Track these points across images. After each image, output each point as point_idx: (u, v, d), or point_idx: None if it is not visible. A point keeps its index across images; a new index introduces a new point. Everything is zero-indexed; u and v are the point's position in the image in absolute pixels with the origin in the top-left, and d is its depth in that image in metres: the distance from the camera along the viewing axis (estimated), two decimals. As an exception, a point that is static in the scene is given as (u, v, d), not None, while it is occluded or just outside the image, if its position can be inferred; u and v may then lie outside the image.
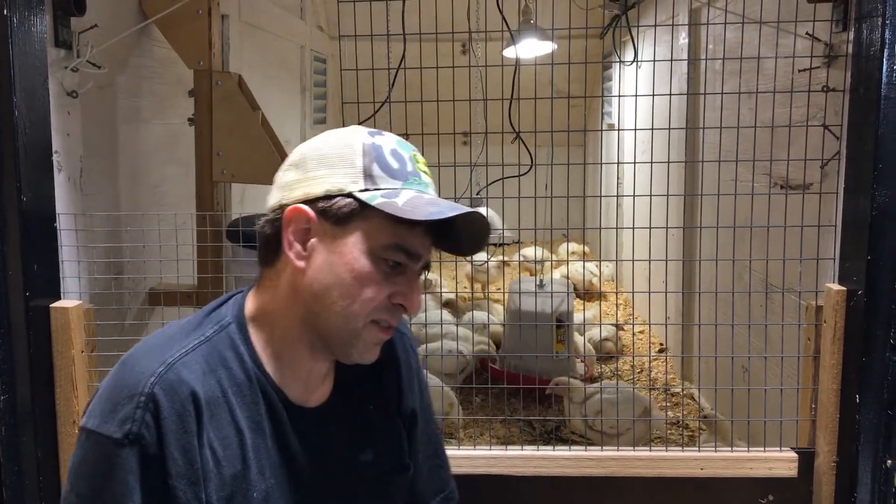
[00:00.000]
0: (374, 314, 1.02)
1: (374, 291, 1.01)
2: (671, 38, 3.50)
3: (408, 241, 1.01)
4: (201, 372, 0.99)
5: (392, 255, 1.01)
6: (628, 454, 1.69)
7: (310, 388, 1.10)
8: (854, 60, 1.58)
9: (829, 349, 1.60)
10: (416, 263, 1.04)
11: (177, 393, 0.95)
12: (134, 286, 2.27)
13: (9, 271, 1.51)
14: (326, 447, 1.10)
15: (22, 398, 1.55)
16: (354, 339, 1.03)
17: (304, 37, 5.03)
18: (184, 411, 0.95)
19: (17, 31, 1.49)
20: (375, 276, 1.01)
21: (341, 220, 1.01)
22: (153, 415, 0.93)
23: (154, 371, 0.95)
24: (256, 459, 1.02)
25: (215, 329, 1.04)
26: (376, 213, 0.99)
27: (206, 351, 1.01)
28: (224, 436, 1.00)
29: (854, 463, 1.58)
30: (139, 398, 0.93)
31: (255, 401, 1.03)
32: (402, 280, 1.03)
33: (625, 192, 4.27)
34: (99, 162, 2.19)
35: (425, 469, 1.27)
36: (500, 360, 3.78)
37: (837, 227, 1.65)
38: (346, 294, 1.01)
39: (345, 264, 1.01)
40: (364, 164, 1.02)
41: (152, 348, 1.00)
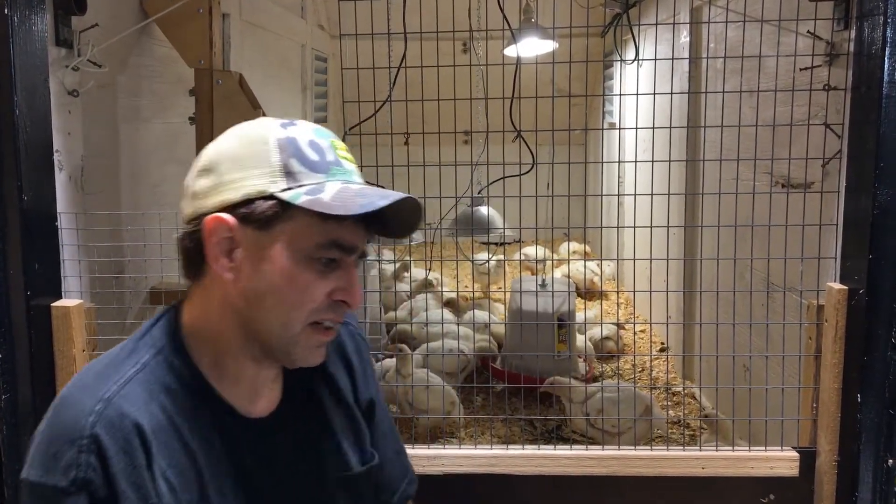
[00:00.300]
0: (313, 316, 0.98)
1: (311, 293, 0.97)
2: (672, 36, 3.49)
3: (340, 236, 0.97)
4: (142, 402, 0.94)
5: (325, 252, 0.97)
6: (629, 453, 1.69)
7: (258, 398, 1.06)
8: (855, 59, 1.58)
9: (831, 348, 1.59)
10: (352, 255, 1.00)
11: (119, 429, 0.90)
12: (135, 285, 2.27)
13: (10, 270, 1.51)
14: (284, 455, 1.07)
15: (23, 397, 1.55)
16: (294, 345, 0.99)
17: (304, 36, 5.03)
18: (129, 446, 0.90)
19: (18, 30, 1.49)
20: (310, 276, 0.96)
21: (265, 225, 0.95)
22: (97, 456, 0.88)
23: (92, 409, 0.90)
24: (213, 479, 0.98)
25: (151, 353, 0.99)
26: (302, 212, 0.94)
27: (143, 378, 0.96)
28: (176, 462, 0.95)
29: (855, 462, 1.58)
30: (80, 441, 0.88)
31: (202, 419, 0.99)
32: (339, 275, 0.99)
33: (626, 191, 4.27)
34: (100, 161, 2.19)
35: (390, 457, 1.25)
36: (501, 359, 3.78)
37: (839, 226, 1.65)
38: (282, 300, 0.97)
39: (276, 270, 0.96)
40: (281, 161, 0.96)
41: (86, 385, 0.94)
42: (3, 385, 1.52)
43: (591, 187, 4.90)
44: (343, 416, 1.16)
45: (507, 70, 1.91)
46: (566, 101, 1.83)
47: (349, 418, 1.16)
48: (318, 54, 5.43)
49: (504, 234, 3.34)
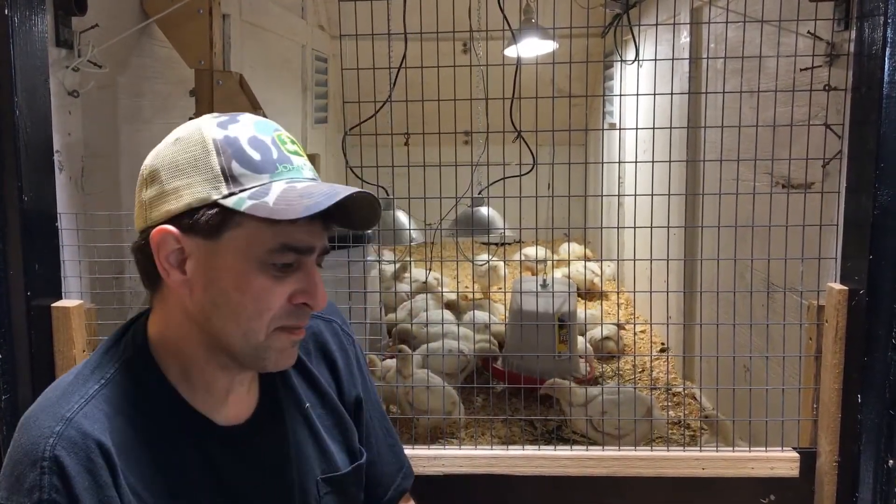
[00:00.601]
0: (275, 322, 0.94)
1: (269, 301, 0.93)
2: (673, 37, 3.49)
3: (293, 238, 0.92)
4: (106, 418, 0.91)
5: (279, 257, 0.92)
6: (630, 454, 1.69)
7: (233, 406, 1.03)
8: (856, 59, 1.58)
9: (831, 349, 1.59)
10: (310, 256, 0.95)
11: (81, 448, 0.88)
12: (135, 286, 2.27)
13: (10, 271, 1.51)
14: (263, 460, 1.04)
15: (23, 398, 1.55)
16: (263, 352, 0.96)
17: (305, 36, 5.03)
18: (92, 465, 0.88)
19: (18, 30, 1.49)
20: (266, 283, 0.92)
21: (212, 234, 0.91)
22: (59, 477, 0.86)
23: (52, 431, 0.88)
24: (187, 491, 0.96)
25: (117, 367, 0.97)
26: (249, 217, 0.89)
27: (109, 394, 0.94)
28: (148, 479, 0.93)
29: (856, 463, 1.58)
30: (41, 463, 0.86)
31: (173, 431, 0.96)
32: (299, 277, 0.94)
33: (626, 192, 4.27)
34: (100, 161, 2.19)
35: (383, 452, 1.23)
36: (502, 359, 3.78)
37: (839, 227, 1.65)
38: (238, 311, 0.93)
39: (229, 279, 0.92)
40: (222, 164, 0.91)
41: (50, 404, 0.92)
42: (3, 385, 1.52)
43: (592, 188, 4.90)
44: (328, 415, 1.13)
45: (508, 70, 1.91)
46: (566, 102, 1.83)
47: (335, 417, 1.14)
48: (319, 55, 5.43)
49: (504, 235, 3.34)
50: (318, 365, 1.15)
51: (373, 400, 1.24)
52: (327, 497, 1.10)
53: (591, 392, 2.93)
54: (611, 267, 5.39)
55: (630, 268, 4.71)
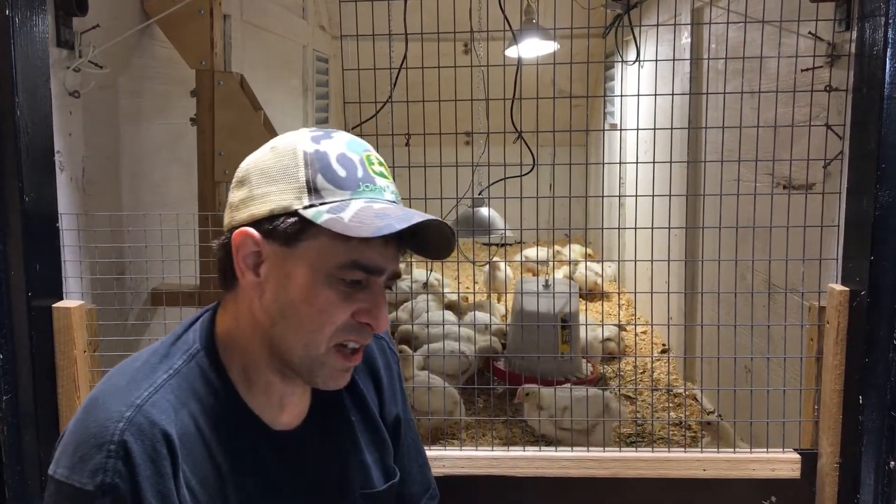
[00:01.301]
0: (336, 337, 0.97)
1: (333, 315, 0.95)
2: (673, 37, 3.49)
3: (364, 257, 0.94)
4: (172, 409, 0.94)
5: (348, 273, 0.94)
6: (630, 455, 1.69)
7: (286, 411, 1.05)
8: (857, 60, 1.58)
9: (832, 350, 1.59)
10: (380, 277, 0.97)
11: (148, 436, 0.90)
12: (136, 286, 2.27)
13: (11, 271, 1.51)
14: (310, 468, 1.06)
15: (24, 398, 1.55)
16: (318, 367, 0.98)
17: (306, 36, 5.03)
18: (157, 455, 0.90)
19: (19, 31, 1.49)
20: (333, 297, 0.94)
21: (289, 241, 0.94)
22: (125, 462, 0.88)
23: (122, 415, 0.90)
24: (238, 490, 0.98)
25: (184, 359, 0.99)
26: (326, 231, 0.92)
27: (175, 385, 0.96)
28: (202, 474, 0.95)
29: (857, 464, 1.58)
30: (109, 446, 0.88)
31: (230, 429, 0.99)
32: (366, 296, 0.96)
33: (627, 193, 4.27)
34: (101, 162, 2.19)
35: (415, 470, 1.25)
36: (504, 360, 3.78)
37: (840, 228, 1.65)
38: (302, 321, 0.95)
39: (298, 288, 0.94)
40: (308, 177, 0.94)
41: (119, 389, 0.94)
42: (5, 386, 1.52)
43: (593, 188, 4.90)
44: (369, 431, 1.15)
45: (509, 71, 1.91)
46: (567, 102, 1.83)
47: (375, 434, 1.16)
48: (320, 55, 5.43)
49: (505, 235, 3.34)
50: (364, 380, 1.17)
51: (409, 419, 1.26)
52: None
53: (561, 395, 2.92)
54: (612, 267, 5.39)
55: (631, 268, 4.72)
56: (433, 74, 1.82)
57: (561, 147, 1.79)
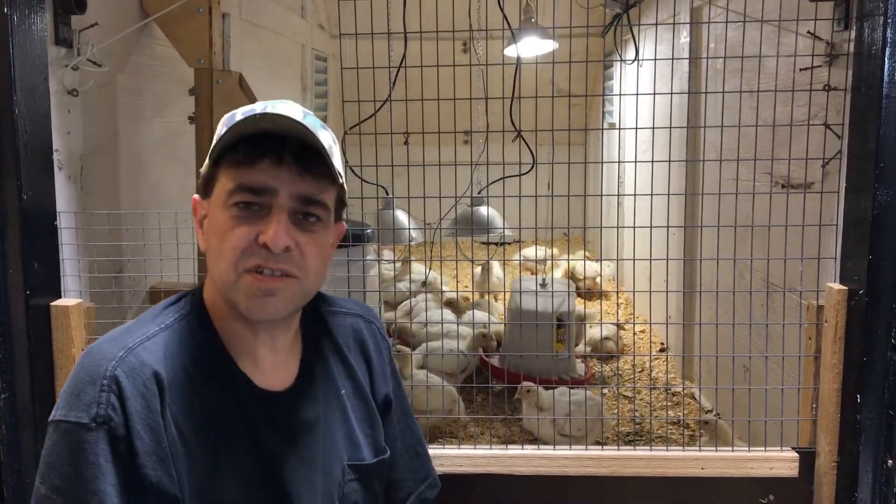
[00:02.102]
0: (243, 261, 1.00)
1: (230, 239, 1.00)
2: (672, 36, 3.50)
3: (249, 179, 1.00)
4: (163, 355, 1.00)
5: (237, 197, 1.00)
6: (629, 454, 1.69)
7: (273, 372, 1.09)
8: (855, 59, 1.58)
9: (831, 349, 1.59)
10: (275, 198, 1.00)
11: (138, 374, 0.96)
12: (134, 285, 2.27)
13: (9, 269, 1.51)
14: (298, 430, 1.09)
15: (22, 396, 1.55)
16: (235, 293, 1.02)
17: (304, 35, 5.02)
18: (147, 391, 0.95)
19: (18, 29, 1.49)
20: (230, 223, 1.00)
21: (206, 191, 1.05)
22: (117, 396, 0.93)
23: (114, 356, 0.96)
24: (225, 442, 1.02)
25: (176, 317, 1.06)
26: (220, 170, 1.02)
27: (167, 337, 1.02)
28: (191, 416, 0.99)
29: (855, 463, 1.58)
30: (101, 381, 0.94)
31: (218, 385, 1.03)
32: (267, 220, 1.01)
33: (626, 192, 4.27)
34: (99, 160, 2.19)
35: (406, 458, 1.26)
36: (500, 358, 3.78)
37: (839, 227, 1.65)
38: (216, 253, 1.03)
39: (210, 226, 1.04)
40: (218, 133, 1.05)
41: (113, 338, 1.01)
42: (2, 384, 1.52)
43: (591, 187, 4.90)
44: (360, 406, 1.18)
45: (507, 70, 1.91)
46: (566, 101, 1.83)
47: (366, 410, 1.18)
48: (318, 54, 5.43)
49: (504, 234, 3.34)
50: (355, 357, 1.20)
51: (403, 406, 1.28)
52: (352, 483, 1.14)
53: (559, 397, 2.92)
54: (610, 267, 5.39)
55: (630, 267, 4.72)
56: (432, 73, 1.82)
57: (560, 146, 1.79)
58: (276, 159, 1.00)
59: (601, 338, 3.96)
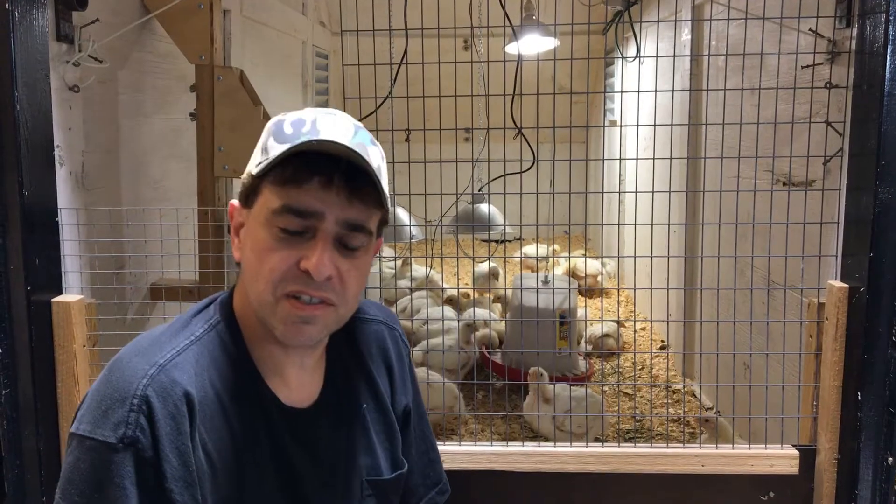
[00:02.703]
0: (283, 286, 0.97)
1: (270, 261, 0.96)
2: (674, 34, 3.49)
3: (296, 201, 0.95)
4: (193, 373, 0.96)
5: (282, 219, 0.95)
6: (629, 451, 1.69)
7: (298, 388, 1.07)
8: (857, 57, 1.58)
9: (831, 346, 1.59)
10: (322, 222, 0.96)
11: (169, 394, 0.92)
12: (135, 281, 2.28)
13: (10, 265, 1.51)
14: (321, 447, 1.07)
15: (24, 392, 1.55)
16: (271, 316, 0.99)
17: (305, 32, 5.02)
18: (177, 412, 0.92)
19: (19, 25, 1.49)
20: (272, 244, 0.96)
21: (247, 202, 1.01)
22: (147, 417, 0.90)
23: (146, 373, 0.92)
24: (251, 461, 1.00)
25: (205, 328, 1.02)
26: (266, 184, 0.97)
27: (196, 351, 0.99)
28: (218, 437, 0.97)
29: (855, 460, 1.58)
30: (132, 401, 0.90)
31: (247, 402, 1.01)
32: (309, 244, 0.96)
33: (627, 189, 4.27)
34: (100, 156, 2.19)
35: (420, 464, 1.26)
36: (501, 355, 3.78)
37: (840, 224, 1.65)
38: (252, 270, 0.99)
39: (249, 242, 1.00)
40: (263, 143, 1.00)
41: (142, 350, 0.97)
42: (4, 380, 1.52)
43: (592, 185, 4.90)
44: (381, 420, 1.16)
45: (508, 67, 1.91)
46: (567, 99, 1.83)
47: (386, 423, 1.17)
48: (319, 51, 5.42)
49: (504, 232, 3.34)
50: (377, 368, 1.18)
51: (419, 411, 1.27)
52: (369, 499, 1.13)
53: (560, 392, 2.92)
54: (610, 264, 5.39)
55: (630, 265, 4.72)
56: (433, 70, 1.82)
57: (561, 143, 1.79)
58: (326, 181, 0.95)
59: (601, 335, 3.96)
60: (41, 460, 1.59)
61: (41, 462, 1.59)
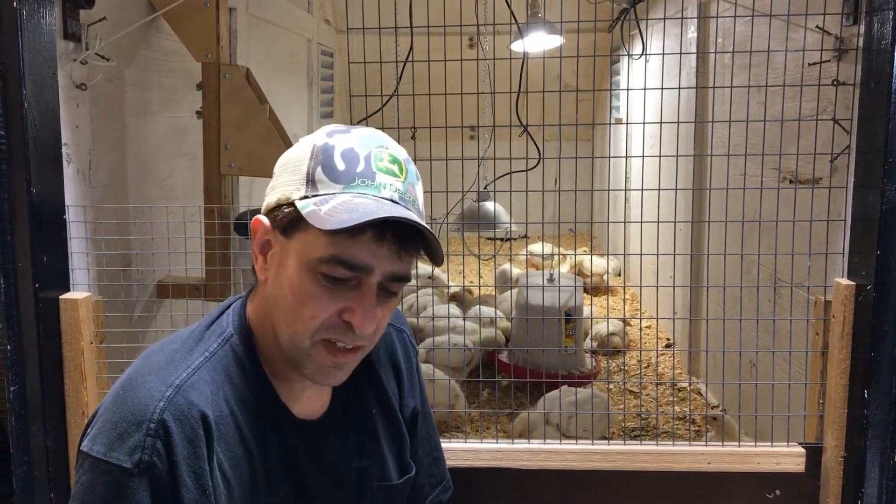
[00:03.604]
0: (321, 333, 0.95)
1: (314, 309, 0.93)
2: (680, 31, 3.49)
3: (347, 252, 0.91)
4: (209, 392, 0.95)
5: (329, 268, 0.92)
6: (635, 448, 1.69)
7: (308, 400, 1.07)
8: (865, 54, 1.57)
9: (838, 344, 1.59)
10: (369, 276, 0.93)
11: (187, 417, 0.91)
12: (142, 278, 2.28)
13: (18, 263, 1.52)
14: (332, 458, 1.08)
15: (31, 389, 1.56)
16: (304, 359, 0.97)
17: (311, 30, 5.03)
18: (194, 436, 0.91)
19: (27, 23, 1.50)
20: (314, 291, 0.93)
21: (286, 231, 0.95)
22: (164, 442, 0.88)
23: (162, 395, 0.90)
24: (265, 475, 1.00)
25: (219, 342, 1.00)
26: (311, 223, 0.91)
27: (211, 367, 0.97)
28: (233, 454, 0.96)
29: (862, 458, 1.58)
30: (148, 425, 0.88)
31: (260, 416, 1.00)
32: (353, 294, 0.94)
33: (633, 187, 4.26)
34: (107, 154, 2.20)
35: (425, 463, 1.26)
36: (507, 353, 3.78)
37: (847, 222, 1.64)
38: (288, 311, 0.95)
39: (287, 278, 0.94)
40: (309, 169, 0.94)
41: (157, 369, 0.95)
42: (12, 377, 1.53)
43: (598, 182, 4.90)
44: (389, 425, 1.16)
45: (514, 65, 1.91)
46: (573, 97, 1.83)
47: (394, 428, 1.17)
48: (325, 49, 5.43)
49: (510, 230, 3.34)
50: (385, 371, 1.18)
51: (426, 412, 1.27)
52: (383, 502, 1.14)
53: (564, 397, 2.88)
54: (615, 261, 5.38)
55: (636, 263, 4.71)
56: (439, 68, 1.82)
57: (567, 141, 1.79)
58: (378, 235, 0.91)
59: (607, 333, 3.96)
60: (49, 457, 1.60)
61: (49, 459, 1.60)
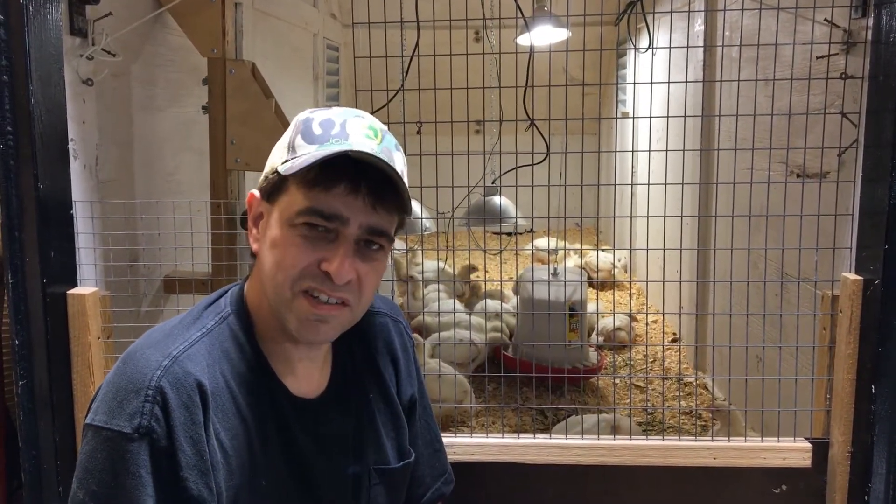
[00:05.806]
0: (301, 283, 0.99)
1: (294, 258, 0.98)
2: (687, 24, 3.47)
3: (322, 202, 0.97)
4: (205, 364, 0.98)
5: (305, 218, 0.98)
6: (641, 443, 1.69)
7: (307, 379, 1.09)
8: (873, 47, 1.56)
9: (845, 339, 1.58)
10: (346, 227, 0.99)
11: (183, 385, 0.94)
12: (149, 273, 2.29)
13: (26, 258, 1.53)
14: (330, 437, 1.09)
15: (39, 384, 1.57)
16: (287, 312, 1.01)
17: (317, 25, 5.02)
18: (191, 402, 0.94)
19: (33, 19, 1.50)
20: (293, 240, 0.98)
21: (270, 196, 1.02)
22: (161, 407, 0.92)
23: (159, 364, 0.94)
24: (263, 450, 1.02)
25: (216, 321, 1.04)
26: (293, 182, 0.99)
27: (208, 343, 1.01)
28: (230, 426, 0.99)
29: (869, 453, 1.57)
30: (146, 391, 0.92)
31: (258, 393, 1.03)
32: (332, 246, 0.99)
33: (639, 181, 4.25)
34: (114, 150, 2.21)
35: (426, 455, 1.27)
36: (512, 348, 3.78)
37: (854, 216, 1.64)
38: (272, 265, 1.00)
39: (270, 238, 1.01)
40: (290, 139, 1.02)
41: (155, 342, 0.99)
42: (20, 371, 1.54)
43: (605, 177, 4.88)
44: (387, 410, 1.18)
45: (520, 59, 1.91)
46: (579, 90, 1.82)
47: (392, 414, 1.19)
48: (330, 43, 5.43)
49: (517, 224, 3.34)
50: (383, 360, 1.20)
51: (424, 403, 1.28)
52: (377, 487, 1.15)
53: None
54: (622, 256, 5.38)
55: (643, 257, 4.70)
56: (445, 62, 1.81)
57: (573, 135, 1.79)
58: (353, 187, 0.97)
59: (613, 328, 3.96)
60: (57, 451, 1.61)
61: (57, 453, 1.61)
